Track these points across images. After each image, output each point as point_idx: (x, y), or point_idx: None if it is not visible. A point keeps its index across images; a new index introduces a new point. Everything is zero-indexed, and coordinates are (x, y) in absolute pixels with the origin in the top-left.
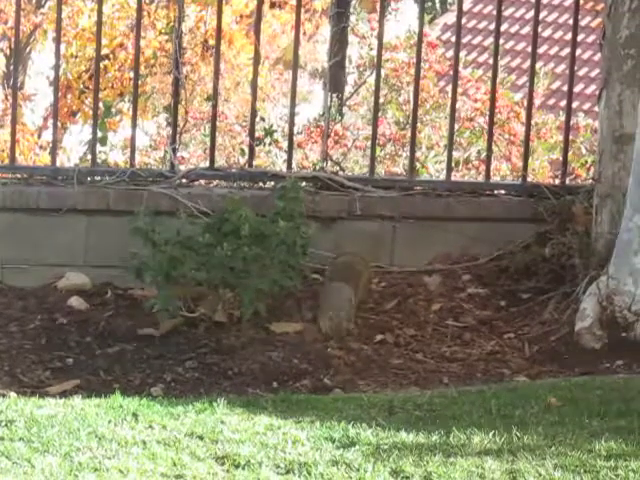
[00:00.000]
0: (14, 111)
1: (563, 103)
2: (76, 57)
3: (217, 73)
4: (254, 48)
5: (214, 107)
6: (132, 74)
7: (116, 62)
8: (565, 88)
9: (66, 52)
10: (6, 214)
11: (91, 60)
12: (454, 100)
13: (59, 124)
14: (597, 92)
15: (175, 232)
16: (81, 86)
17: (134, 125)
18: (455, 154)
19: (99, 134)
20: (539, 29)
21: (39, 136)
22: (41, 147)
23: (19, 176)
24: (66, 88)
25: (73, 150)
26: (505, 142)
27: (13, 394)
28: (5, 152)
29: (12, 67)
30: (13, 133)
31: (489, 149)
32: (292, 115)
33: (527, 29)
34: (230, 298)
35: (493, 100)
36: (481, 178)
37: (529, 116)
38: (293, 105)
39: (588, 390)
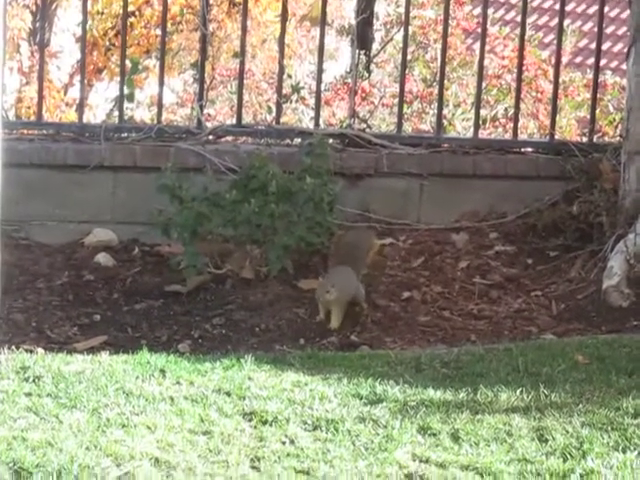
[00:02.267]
0: (41, 68)
1: (590, 61)
2: (102, 14)
3: (244, 29)
4: (281, 4)
5: (241, 64)
6: (158, 31)
7: (142, 19)
8: (592, 46)
9: (92, 9)
10: (33, 170)
11: (117, 17)
12: (482, 57)
13: (85, 81)
14: (625, 50)
15: (202, 189)
16: (107, 43)
17: (161, 82)
18: (482, 112)
19: (126, 91)
20: None
21: (65, 93)
22: (67, 104)
23: (46, 132)
24: (92, 45)
25: (99, 107)
26: (532, 100)
27: (41, 350)
28: (32, 109)
29: (38, 24)
30: (40, 90)
31: (517, 107)
32: (320, 72)
33: None
34: (257, 255)
35: (521, 57)
36: (508, 136)
37: (557, 73)
38: (321, 62)
39: (615, 348)
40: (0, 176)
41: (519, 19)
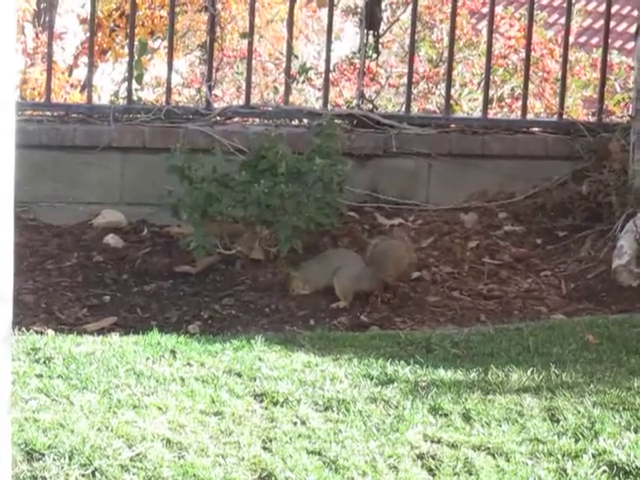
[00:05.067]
0: (50, 49)
1: (594, 40)
2: None
3: (253, 9)
4: None
5: (250, 44)
6: (163, 12)
7: (147, 0)
8: (596, 25)
9: None
10: (42, 151)
11: None
12: (490, 37)
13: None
14: (630, 29)
15: (211, 169)
16: (111, 24)
17: (170, 63)
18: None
19: (135, 72)
20: None
21: (70, 74)
22: (72, 85)
23: (55, 114)
24: (97, 26)
25: (104, 88)
26: (538, 80)
27: (51, 331)
28: (36, 90)
29: (43, 5)
30: (49, 70)
31: (525, 86)
32: (328, 52)
33: None
34: (267, 235)
35: (530, 36)
36: (514, 116)
37: (565, 53)
38: (329, 42)
39: (626, 327)
40: (12, 158)
41: None
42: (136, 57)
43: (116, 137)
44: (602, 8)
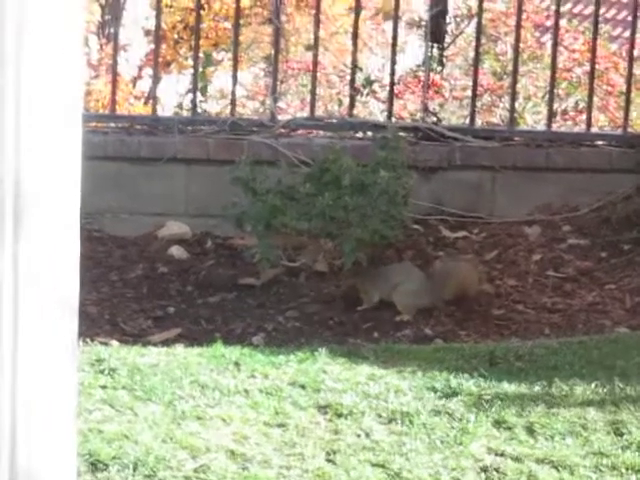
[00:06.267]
0: (114, 61)
1: None
2: (171, 7)
3: (317, 23)
4: None
5: (315, 56)
6: (227, 24)
7: (211, 12)
8: None
9: (160, 2)
10: (108, 163)
11: (185, 10)
12: (554, 50)
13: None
14: None
15: (276, 182)
16: (175, 36)
17: (235, 75)
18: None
19: (199, 84)
20: None
21: (134, 86)
22: (135, 97)
23: (119, 125)
24: (161, 38)
25: (167, 100)
26: (603, 93)
27: (115, 342)
28: (100, 102)
29: (107, 17)
30: (114, 82)
31: (589, 99)
32: (393, 65)
33: None
34: (331, 248)
35: (594, 50)
36: (578, 129)
37: (630, 66)
38: (394, 55)
39: None
40: (79, 169)
41: (586, 12)
42: (200, 69)
43: (181, 149)
44: None
